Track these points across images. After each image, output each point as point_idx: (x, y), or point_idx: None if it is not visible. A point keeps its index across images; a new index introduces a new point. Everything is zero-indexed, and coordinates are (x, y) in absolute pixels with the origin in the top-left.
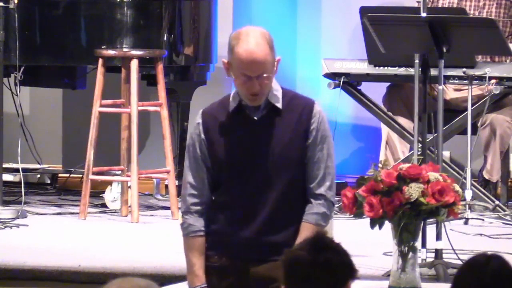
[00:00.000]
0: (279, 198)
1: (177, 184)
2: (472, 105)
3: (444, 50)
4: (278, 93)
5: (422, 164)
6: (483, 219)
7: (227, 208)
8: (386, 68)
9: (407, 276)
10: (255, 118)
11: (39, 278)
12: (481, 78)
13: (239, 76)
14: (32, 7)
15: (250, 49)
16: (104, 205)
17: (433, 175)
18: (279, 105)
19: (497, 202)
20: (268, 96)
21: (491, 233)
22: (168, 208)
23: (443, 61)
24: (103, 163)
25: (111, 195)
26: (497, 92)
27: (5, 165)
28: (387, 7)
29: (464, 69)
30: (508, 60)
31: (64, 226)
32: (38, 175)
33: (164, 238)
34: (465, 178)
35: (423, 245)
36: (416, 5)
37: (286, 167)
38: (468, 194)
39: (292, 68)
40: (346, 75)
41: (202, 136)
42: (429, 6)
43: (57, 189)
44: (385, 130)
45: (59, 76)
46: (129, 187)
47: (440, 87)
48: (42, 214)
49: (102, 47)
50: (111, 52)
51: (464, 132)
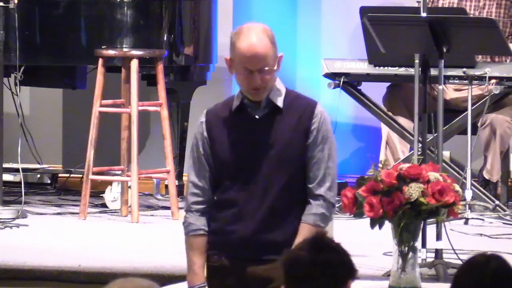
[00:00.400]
0: (278, 197)
1: (177, 184)
2: (472, 105)
3: (444, 50)
4: (281, 93)
5: (422, 164)
6: (483, 219)
7: (227, 207)
8: (386, 68)
9: (407, 276)
10: (257, 117)
11: (39, 278)
12: (481, 78)
13: (241, 70)
14: (32, 7)
15: (252, 42)
16: (104, 205)
17: (433, 175)
18: (280, 104)
19: (497, 202)
20: (270, 95)
21: (491, 233)
22: (168, 208)
23: (443, 61)
24: (103, 163)
25: (111, 195)
26: (497, 92)
27: (5, 165)
28: (387, 7)
29: (464, 69)
30: (508, 60)
31: (64, 226)
32: (38, 175)
33: (164, 238)
34: (465, 178)
35: (423, 245)
36: (416, 5)
37: (285, 166)
38: (468, 194)
39: (292, 68)
40: (346, 75)
41: (205, 134)
42: (429, 6)
43: (57, 189)
44: (385, 130)
45: (59, 76)
46: (129, 187)
47: (440, 87)
48: (42, 214)
49: (102, 47)
50: (111, 52)
51: (464, 132)
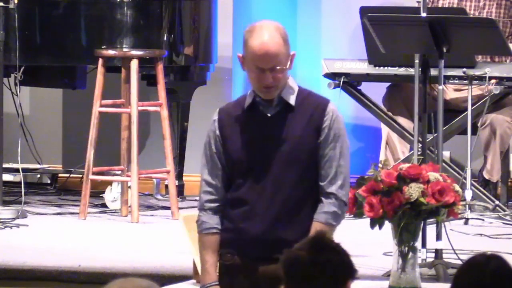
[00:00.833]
0: (289, 196)
1: (177, 184)
2: (472, 105)
3: (444, 50)
4: (294, 91)
5: (422, 164)
6: (483, 219)
7: (239, 206)
8: (386, 68)
9: (407, 276)
10: (268, 115)
11: (39, 278)
12: (481, 78)
13: (253, 68)
14: (32, 7)
15: (263, 41)
16: (104, 205)
17: (433, 175)
18: (292, 102)
19: (497, 202)
20: (282, 93)
21: (491, 233)
22: (168, 208)
23: (443, 61)
24: (103, 163)
25: (111, 195)
26: (497, 92)
27: (5, 165)
28: (387, 7)
29: (464, 69)
30: (508, 60)
31: (64, 226)
32: (38, 175)
33: (164, 238)
34: (465, 178)
35: (423, 245)
36: (416, 5)
37: (296, 165)
38: (468, 194)
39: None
40: (346, 75)
41: (217, 133)
42: (429, 6)
43: (57, 189)
44: (385, 130)
45: (59, 76)
46: (129, 187)
47: (440, 87)
48: (42, 214)
49: (102, 47)
50: (111, 52)
51: (464, 132)
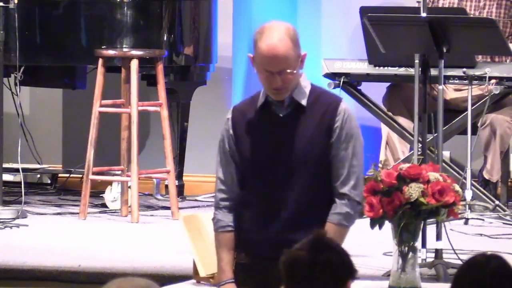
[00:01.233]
0: (301, 196)
1: (177, 184)
2: (472, 105)
3: (444, 50)
4: (306, 90)
5: (422, 164)
6: (483, 219)
7: (252, 206)
8: (386, 68)
9: (407, 276)
10: (280, 115)
11: (39, 278)
12: (481, 78)
13: (262, 71)
14: (32, 7)
15: (272, 44)
16: (104, 205)
17: (433, 175)
18: (304, 103)
19: (497, 202)
20: (294, 93)
21: (491, 233)
22: (168, 208)
23: (443, 61)
24: (103, 163)
25: (111, 195)
26: (497, 92)
27: (5, 165)
28: (387, 7)
29: (464, 69)
30: (508, 60)
31: (64, 226)
32: (38, 175)
33: (164, 238)
34: (465, 178)
35: (423, 245)
36: (416, 5)
37: (308, 165)
38: (468, 194)
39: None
40: (346, 75)
41: (231, 131)
42: (429, 6)
43: (57, 189)
44: (385, 130)
45: (59, 76)
46: (129, 187)
47: (440, 87)
48: (42, 214)
49: (102, 47)
50: (111, 52)
51: (464, 132)
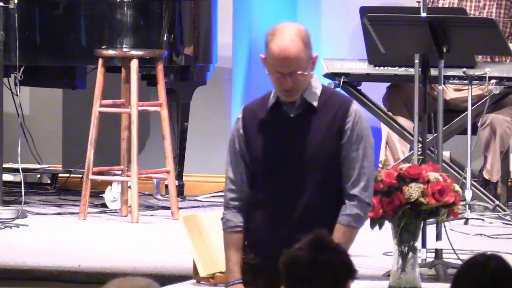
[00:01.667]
0: (312, 198)
1: (177, 184)
2: (472, 105)
3: (444, 50)
4: (317, 91)
5: (422, 164)
6: (483, 219)
7: (262, 206)
8: (386, 68)
9: (407, 276)
10: (291, 116)
11: (39, 278)
12: (481, 78)
13: (273, 72)
14: (32, 7)
15: (283, 45)
16: (104, 205)
17: (433, 175)
18: (315, 104)
19: (497, 202)
20: (305, 94)
21: (491, 233)
22: (168, 208)
23: (443, 61)
24: (103, 163)
25: (111, 195)
26: (497, 92)
27: (5, 165)
28: (387, 7)
29: (464, 69)
30: (508, 60)
31: (64, 226)
32: (38, 175)
33: (164, 238)
34: (465, 178)
35: (423, 245)
36: (416, 5)
37: (318, 166)
38: (468, 194)
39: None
40: (346, 75)
41: (241, 131)
42: (429, 6)
43: (57, 189)
44: (385, 130)
45: (59, 76)
46: (129, 187)
47: (440, 87)
48: (42, 214)
49: (102, 47)
50: (111, 52)
51: (464, 132)
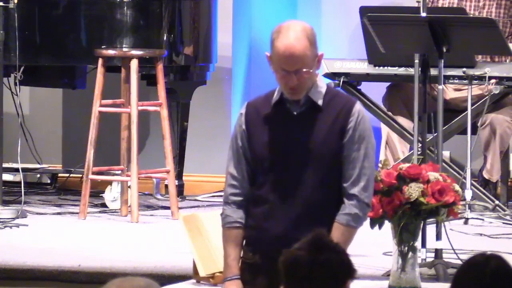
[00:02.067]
0: (312, 196)
1: (177, 184)
2: (472, 105)
3: (444, 50)
4: (322, 90)
5: (422, 164)
6: (483, 219)
7: (261, 204)
8: (386, 68)
9: (407, 276)
10: (294, 113)
11: (39, 278)
12: (481, 78)
13: (278, 70)
14: (32, 7)
15: (289, 43)
16: (104, 205)
17: (433, 175)
18: (319, 102)
19: (497, 202)
20: (310, 92)
21: (491, 233)
22: (168, 208)
23: (443, 61)
24: (103, 163)
25: (111, 195)
26: (497, 92)
27: (5, 165)
28: (387, 7)
29: (464, 69)
30: (508, 60)
31: (64, 226)
32: (38, 175)
33: (164, 238)
34: (465, 178)
35: (423, 245)
36: (416, 5)
37: (320, 165)
38: (468, 194)
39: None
40: (346, 75)
41: (243, 127)
42: (429, 6)
43: (57, 189)
44: (385, 130)
45: (59, 76)
46: (129, 187)
47: (440, 87)
48: (42, 214)
49: (102, 47)
50: (111, 52)
51: (464, 132)
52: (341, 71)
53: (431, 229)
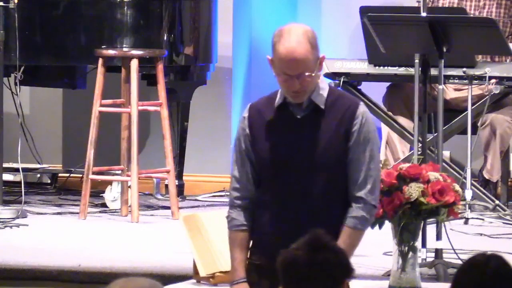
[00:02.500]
0: (317, 200)
1: (177, 184)
2: (472, 105)
3: (444, 50)
4: (324, 92)
5: (422, 164)
6: (483, 219)
7: (267, 206)
8: (386, 68)
9: (407, 276)
10: (298, 117)
11: (39, 278)
12: (481, 78)
13: (280, 74)
14: (32, 7)
15: (290, 47)
16: (104, 205)
17: (433, 175)
18: (322, 105)
19: (497, 202)
20: (312, 95)
21: (491, 233)
22: (168, 208)
23: (443, 61)
24: (103, 163)
25: (111, 195)
26: (497, 92)
27: (5, 165)
28: (387, 7)
29: (464, 69)
30: (508, 60)
31: (64, 226)
32: (38, 175)
33: (164, 238)
34: (465, 178)
35: (423, 245)
36: (416, 5)
37: (325, 168)
38: (468, 194)
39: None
40: (346, 75)
41: (247, 130)
42: (429, 6)
43: (57, 189)
44: (385, 130)
45: (59, 76)
46: (129, 186)
47: (440, 87)
48: (42, 214)
49: (102, 47)
50: (111, 52)
51: (464, 132)
52: (341, 71)
53: (431, 229)
